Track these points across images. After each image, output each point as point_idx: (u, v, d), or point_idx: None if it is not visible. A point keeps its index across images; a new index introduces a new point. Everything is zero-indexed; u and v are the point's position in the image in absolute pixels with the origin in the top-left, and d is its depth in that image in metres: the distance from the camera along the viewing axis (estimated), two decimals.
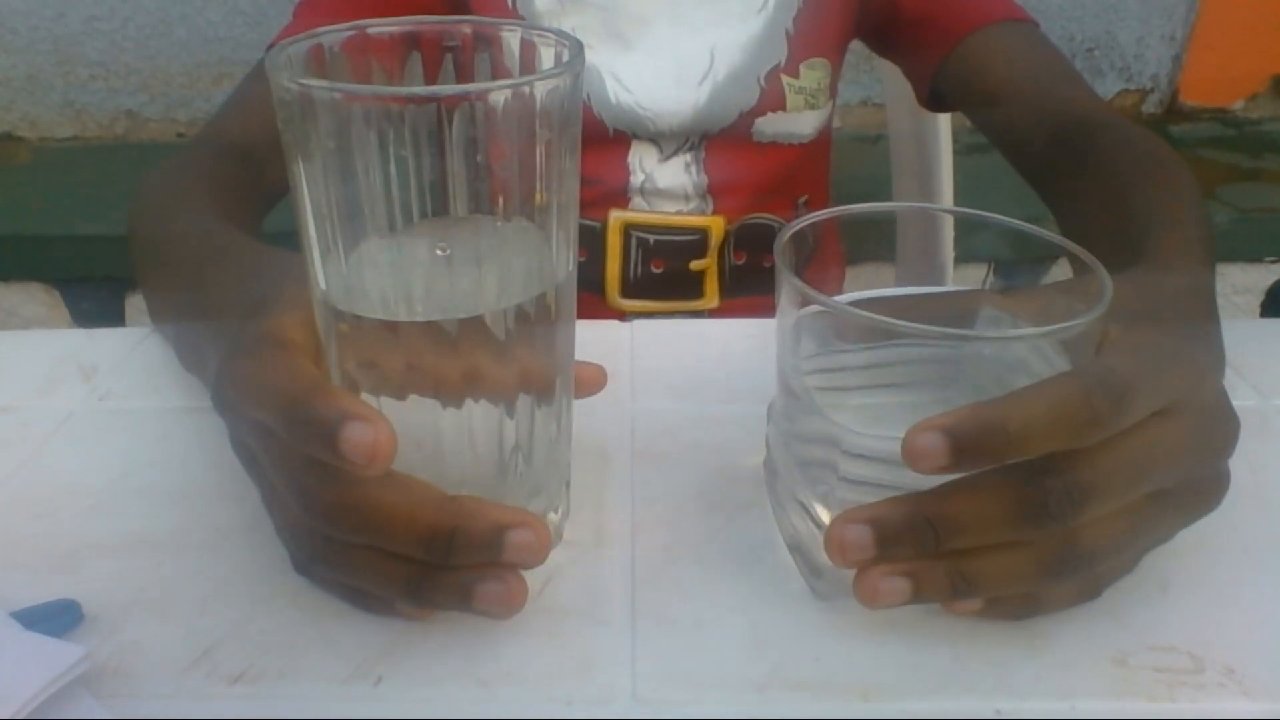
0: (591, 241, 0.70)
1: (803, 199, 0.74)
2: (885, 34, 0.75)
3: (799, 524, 0.33)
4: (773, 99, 0.69)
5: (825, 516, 0.31)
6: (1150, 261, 0.42)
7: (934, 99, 0.73)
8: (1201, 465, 0.31)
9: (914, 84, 0.75)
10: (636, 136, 0.69)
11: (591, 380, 0.38)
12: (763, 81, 0.68)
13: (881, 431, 0.29)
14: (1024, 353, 0.32)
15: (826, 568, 0.32)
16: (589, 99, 0.68)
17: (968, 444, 0.27)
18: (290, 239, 0.31)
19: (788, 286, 0.31)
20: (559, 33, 0.30)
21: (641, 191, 0.70)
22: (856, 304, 0.29)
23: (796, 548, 0.34)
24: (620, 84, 0.68)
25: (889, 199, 0.96)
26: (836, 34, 0.72)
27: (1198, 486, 0.32)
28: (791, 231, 0.32)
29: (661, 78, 0.68)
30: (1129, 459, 0.28)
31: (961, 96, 0.71)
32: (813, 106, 0.71)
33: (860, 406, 0.33)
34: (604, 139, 0.68)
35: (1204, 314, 0.39)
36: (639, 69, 0.68)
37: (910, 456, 0.27)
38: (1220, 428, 0.31)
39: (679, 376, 0.46)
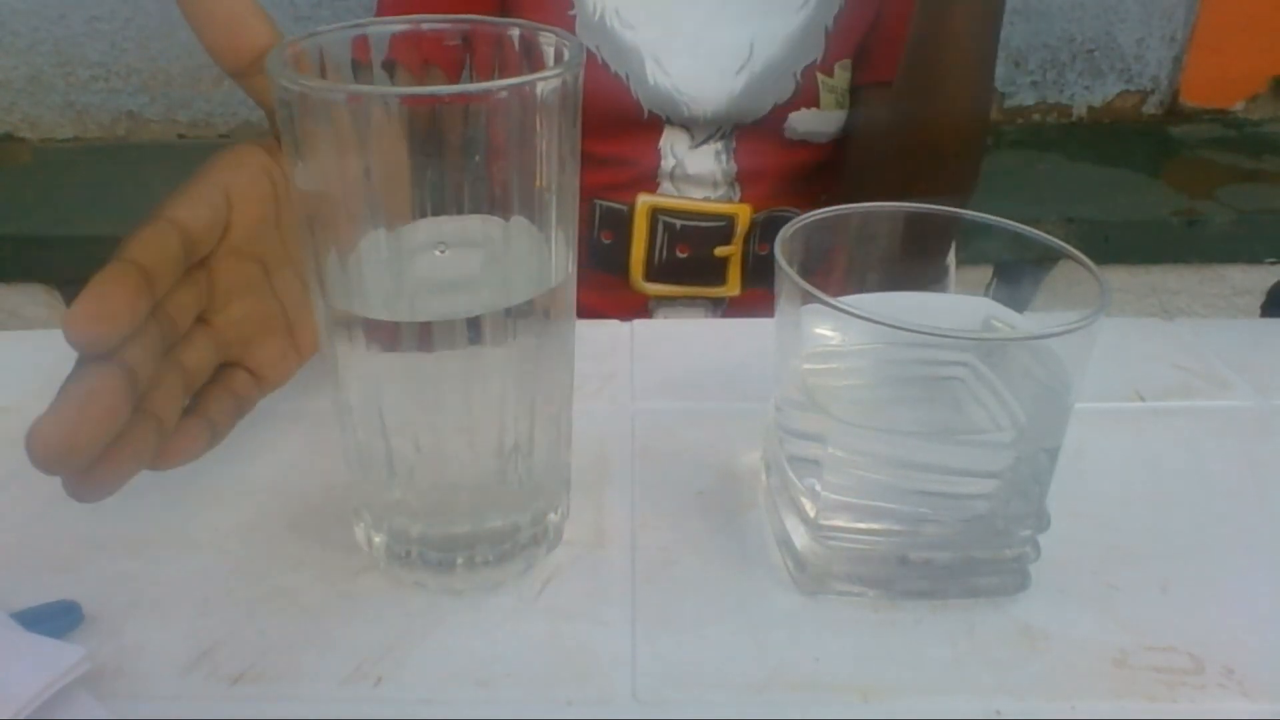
0: (618, 224, 0.70)
1: (825, 197, 0.74)
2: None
3: (786, 517, 0.33)
4: (807, 95, 0.69)
5: (811, 511, 0.32)
6: None
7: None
8: None
9: None
10: (670, 121, 0.69)
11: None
12: (798, 77, 0.69)
13: (874, 424, 0.29)
14: (1022, 353, 0.32)
15: (810, 562, 0.32)
16: (627, 79, 0.68)
17: None
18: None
19: (788, 283, 0.31)
20: (560, 32, 0.30)
21: (671, 176, 0.70)
22: (856, 303, 0.29)
23: (784, 541, 0.34)
24: (660, 66, 0.68)
25: None
26: (863, 36, 0.73)
27: None
28: (793, 229, 0.33)
29: (700, 63, 0.68)
30: None
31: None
32: (842, 105, 0.71)
33: (855, 401, 0.33)
34: (638, 122, 0.69)
35: None
36: (679, 53, 0.68)
37: None
38: None
39: (679, 376, 0.46)
